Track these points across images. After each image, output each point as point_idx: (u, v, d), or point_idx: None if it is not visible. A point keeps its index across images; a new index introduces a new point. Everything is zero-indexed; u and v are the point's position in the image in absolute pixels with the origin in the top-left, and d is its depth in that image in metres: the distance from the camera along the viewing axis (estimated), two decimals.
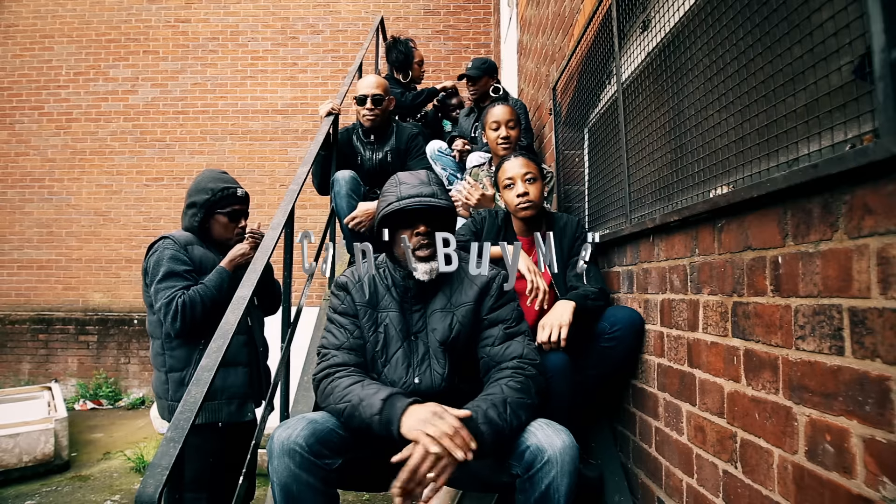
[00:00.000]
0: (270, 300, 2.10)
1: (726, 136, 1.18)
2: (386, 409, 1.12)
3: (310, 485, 1.11)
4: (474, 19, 6.24)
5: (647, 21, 1.74)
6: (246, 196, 2.01)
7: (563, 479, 1.10)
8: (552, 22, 3.08)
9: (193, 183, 1.95)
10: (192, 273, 1.82)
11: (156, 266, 1.79)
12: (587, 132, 2.45)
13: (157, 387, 1.86)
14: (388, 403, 1.13)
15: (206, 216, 1.91)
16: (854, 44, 0.80)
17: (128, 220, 6.15)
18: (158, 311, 1.76)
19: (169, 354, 1.82)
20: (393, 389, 1.18)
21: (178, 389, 1.80)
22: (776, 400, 1.00)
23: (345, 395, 1.20)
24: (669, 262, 1.47)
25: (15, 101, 6.28)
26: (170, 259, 1.79)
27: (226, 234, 1.96)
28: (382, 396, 1.15)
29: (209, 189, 1.90)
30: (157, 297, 1.76)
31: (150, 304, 1.85)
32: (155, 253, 1.83)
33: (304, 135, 6.18)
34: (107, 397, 5.63)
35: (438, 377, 1.33)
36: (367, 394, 1.17)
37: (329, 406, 1.23)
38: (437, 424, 1.06)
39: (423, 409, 1.11)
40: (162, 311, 1.75)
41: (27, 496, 3.26)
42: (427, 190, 1.33)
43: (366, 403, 1.15)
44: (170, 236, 1.85)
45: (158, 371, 1.85)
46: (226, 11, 6.30)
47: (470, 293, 1.38)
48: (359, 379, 1.24)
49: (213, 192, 1.90)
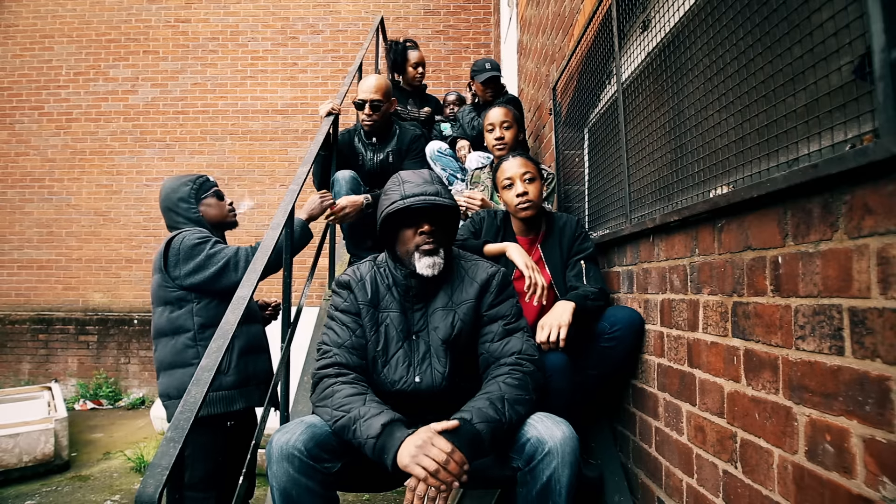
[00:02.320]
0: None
1: (726, 136, 1.18)
2: (384, 436, 1.11)
3: (309, 489, 1.11)
4: (474, 19, 6.24)
5: (647, 21, 1.74)
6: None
7: (564, 471, 1.10)
8: (552, 22, 3.08)
9: (163, 194, 1.94)
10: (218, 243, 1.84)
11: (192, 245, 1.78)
12: (587, 132, 2.45)
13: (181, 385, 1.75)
14: (387, 431, 1.11)
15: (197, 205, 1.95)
16: (854, 44, 0.80)
17: (128, 220, 6.15)
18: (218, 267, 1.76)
19: (202, 345, 1.78)
20: (394, 415, 1.15)
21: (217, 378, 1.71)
22: (776, 400, 1.00)
23: (343, 405, 1.18)
24: (669, 262, 1.47)
25: (15, 101, 6.28)
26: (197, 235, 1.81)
27: (221, 213, 2.01)
28: (383, 421, 1.12)
29: (185, 182, 1.94)
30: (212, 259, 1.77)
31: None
32: (181, 237, 1.81)
33: (304, 135, 6.18)
34: (107, 397, 5.63)
35: (439, 376, 1.33)
36: (367, 412, 1.15)
37: (324, 409, 1.21)
38: (429, 454, 1.05)
39: (415, 439, 1.09)
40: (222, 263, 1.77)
41: (27, 496, 3.26)
42: (431, 188, 1.32)
43: (364, 423, 1.13)
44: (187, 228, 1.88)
45: (185, 367, 1.77)
46: (226, 11, 6.30)
47: (471, 291, 1.38)
48: (361, 391, 1.22)
49: (194, 182, 1.95)
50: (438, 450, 1.06)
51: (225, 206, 2.02)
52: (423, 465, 1.04)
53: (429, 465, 1.04)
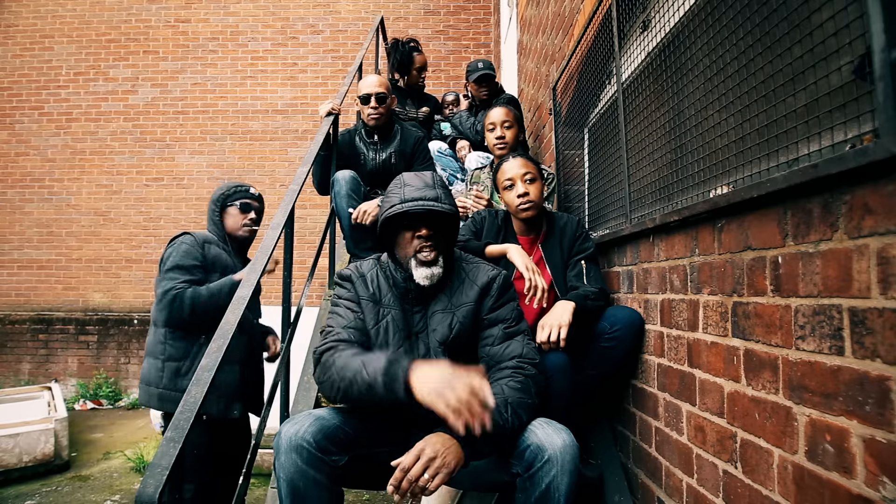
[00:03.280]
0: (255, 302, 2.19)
1: (726, 136, 1.18)
2: (391, 367, 1.09)
3: (316, 481, 1.11)
4: (474, 19, 6.24)
5: (647, 21, 1.74)
6: (259, 196, 2.17)
7: (563, 478, 1.10)
8: (552, 22, 3.08)
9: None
10: (200, 270, 1.91)
11: (168, 257, 1.91)
12: (587, 132, 2.45)
13: (148, 374, 1.91)
14: (392, 362, 1.10)
15: (221, 210, 2.08)
16: (854, 44, 0.80)
17: (128, 220, 6.15)
18: (157, 298, 1.86)
19: (170, 344, 1.89)
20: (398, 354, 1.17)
21: (172, 378, 1.87)
22: (776, 400, 1.00)
23: (346, 364, 1.17)
24: (669, 261, 1.47)
25: (15, 101, 6.29)
26: (183, 253, 1.90)
27: (235, 225, 2.09)
28: (388, 356, 1.13)
29: (225, 186, 2.12)
30: (159, 285, 1.87)
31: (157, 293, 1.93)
32: (173, 245, 1.94)
33: (304, 135, 6.18)
34: (107, 397, 5.63)
35: None
36: (370, 357, 1.15)
37: (330, 380, 1.19)
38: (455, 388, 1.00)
39: (434, 370, 1.05)
40: (157, 297, 1.86)
41: (27, 496, 3.26)
42: (431, 193, 1.31)
43: (369, 365, 1.12)
44: (190, 233, 1.99)
45: (155, 359, 1.90)
46: (226, 11, 6.30)
47: (470, 293, 1.37)
48: (362, 351, 1.23)
49: (228, 188, 2.10)
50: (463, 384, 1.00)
51: (241, 220, 2.10)
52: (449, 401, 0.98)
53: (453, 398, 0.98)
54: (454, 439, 1.10)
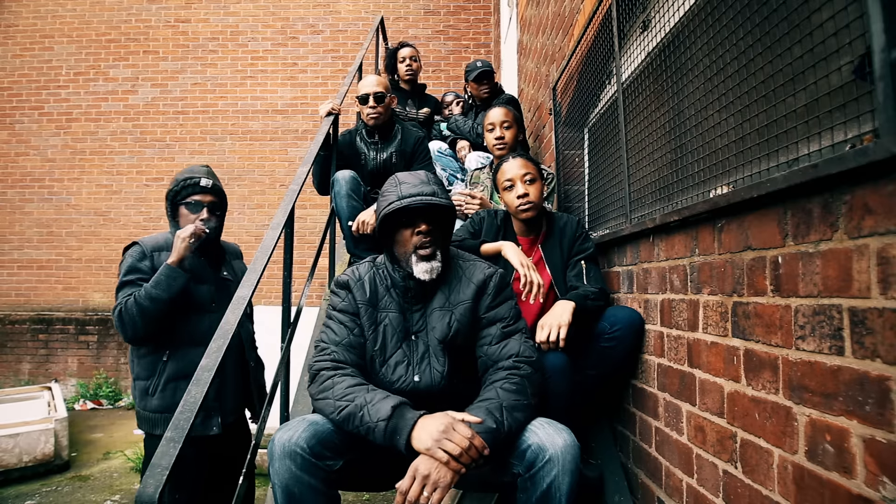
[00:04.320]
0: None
1: (726, 136, 1.18)
2: (395, 418, 1.11)
3: (311, 486, 1.11)
4: (474, 19, 6.24)
5: (647, 21, 1.74)
6: (214, 187, 1.86)
7: (564, 478, 1.10)
8: (552, 22, 3.08)
9: None
10: (144, 281, 1.74)
11: (119, 276, 1.79)
12: (587, 132, 2.45)
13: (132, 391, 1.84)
14: (398, 412, 1.12)
15: (174, 209, 1.86)
16: (854, 44, 0.80)
17: (128, 220, 6.15)
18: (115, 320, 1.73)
19: (137, 362, 1.80)
20: (402, 398, 1.16)
21: (142, 398, 1.77)
22: (776, 400, 1.00)
23: (347, 394, 1.18)
24: (669, 262, 1.47)
25: (15, 101, 6.29)
26: (126, 269, 1.77)
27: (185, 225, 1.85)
28: (393, 403, 1.13)
29: (174, 181, 1.85)
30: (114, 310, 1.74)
31: None
32: (122, 262, 1.81)
33: (304, 135, 6.18)
34: (107, 397, 5.63)
35: (438, 375, 1.34)
36: (373, 398, 1.15)
37: (325, 401, 1.20)
38: (453, 438, 1.06)
39: (435, 422, 1.09)
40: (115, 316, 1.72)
41: (27, 496, 3.26)
42: (427, 189, 1.33)
43: (372, 408, 1.13)
44: (138, 242, 1.83)
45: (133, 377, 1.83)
46: (226, 11, 6.30)
47: (468, 291, 1.38)
48: (363, 382, 1.23)
49: (176, 183, 1.84)
50: (461, 435, 1.07)
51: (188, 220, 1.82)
52: (447, 449, 1.05)
53: (452, 448, 1.05)
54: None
